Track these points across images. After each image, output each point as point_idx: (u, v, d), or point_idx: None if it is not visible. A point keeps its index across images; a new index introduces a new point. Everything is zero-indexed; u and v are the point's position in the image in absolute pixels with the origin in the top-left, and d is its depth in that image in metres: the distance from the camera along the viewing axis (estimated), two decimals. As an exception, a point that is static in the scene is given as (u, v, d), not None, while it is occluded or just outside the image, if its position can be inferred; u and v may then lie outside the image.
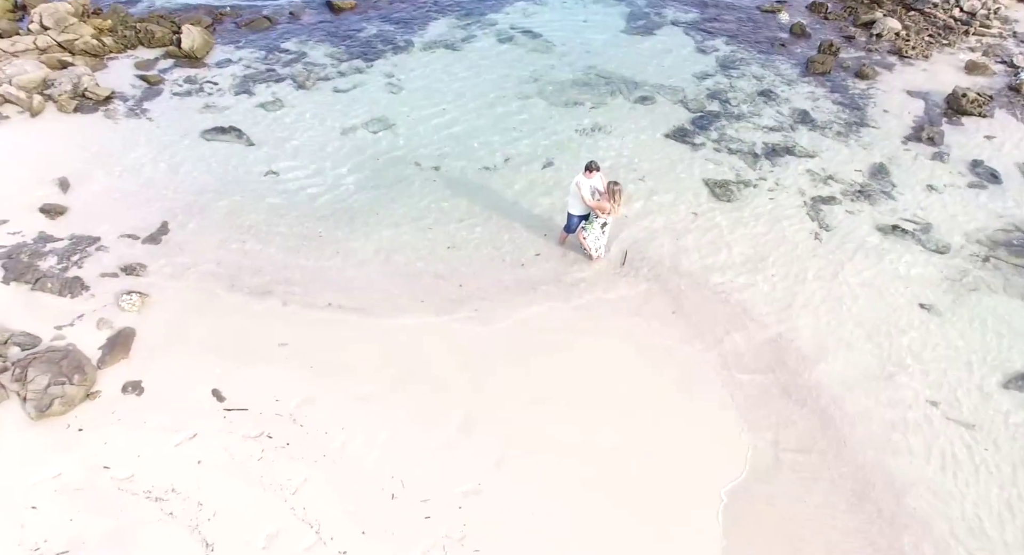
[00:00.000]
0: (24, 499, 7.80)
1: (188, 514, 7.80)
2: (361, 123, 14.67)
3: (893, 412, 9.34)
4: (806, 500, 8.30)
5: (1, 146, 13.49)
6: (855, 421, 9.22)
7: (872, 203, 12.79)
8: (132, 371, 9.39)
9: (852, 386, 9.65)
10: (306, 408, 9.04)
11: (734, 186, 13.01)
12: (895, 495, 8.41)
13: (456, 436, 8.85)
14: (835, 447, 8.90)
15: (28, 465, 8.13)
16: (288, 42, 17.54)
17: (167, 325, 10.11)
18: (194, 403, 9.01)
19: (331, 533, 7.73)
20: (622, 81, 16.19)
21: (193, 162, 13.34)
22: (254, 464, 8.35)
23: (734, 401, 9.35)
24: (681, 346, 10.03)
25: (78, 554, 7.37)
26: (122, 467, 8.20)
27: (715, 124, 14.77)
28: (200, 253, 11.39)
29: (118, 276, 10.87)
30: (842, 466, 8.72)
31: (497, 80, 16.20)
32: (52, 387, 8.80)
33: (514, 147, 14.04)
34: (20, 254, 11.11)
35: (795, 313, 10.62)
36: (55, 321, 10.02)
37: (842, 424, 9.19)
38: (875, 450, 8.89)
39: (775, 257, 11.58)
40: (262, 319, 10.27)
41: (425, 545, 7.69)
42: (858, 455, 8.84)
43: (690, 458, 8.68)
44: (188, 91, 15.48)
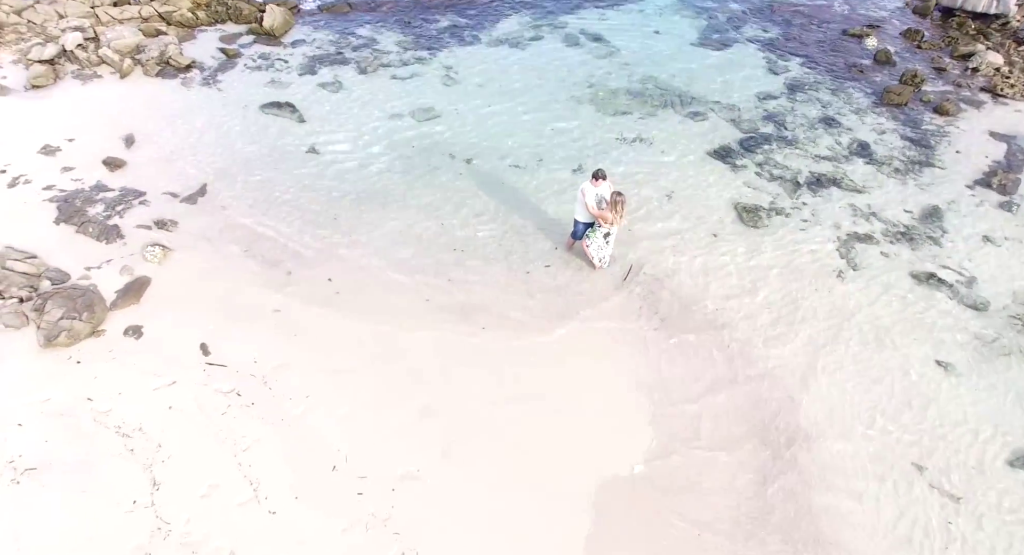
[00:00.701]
0: (13, 416, 8.66)
1: (146, 453, 8.41)
2: (408, 111, 15.10)
3: (871, 466, 8.70)
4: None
5: (88, 102, 14.85)
6: (823, 470, 8.67)
7: (914, 247, 11.88)
8: (138, 316, 10.18)
9: (831, 434, 9.06)
10: (280, 373, 9.49)
11: (764, 212, 12.45)
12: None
13: (412, 422, 9.03)
14: (793, 494, 8.41)
15: (25, 386, 9.02)
16: (362, 28, 18.27)
17: (180, 279, 10.87)
18: (182, 353, 9.66)
19: (267, 493, 8.11)
20: (678, 94, 15.80)
21: (244, 133, 14.20)
22: (217, 417, 8.87)
23: (698, 431, 9.01)
24: (657, 374, 9.72)
25: (44, 473, 8.11)
26: (103, 401, 8.93)
27: (764, 147, 14.15)
28: (228, 218, 12.14)
29: (151, 229, 11.77)
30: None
31: (552, 82, 16.22)
32: (63, 320, 9.70)
33: (550, 149, 14.04)
34: (75, 199, 12.25)
35: (792, 351, 10.06)
36: (86, 262, 10.99)
37: (808, 468, 8.67)
38: (831, 518, 8.33)
39: (787, 291, 11.01)
40: (265, 286, 10.83)
41: (350, 520, 7.92)
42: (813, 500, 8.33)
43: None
44: (259, 66, 16.47)
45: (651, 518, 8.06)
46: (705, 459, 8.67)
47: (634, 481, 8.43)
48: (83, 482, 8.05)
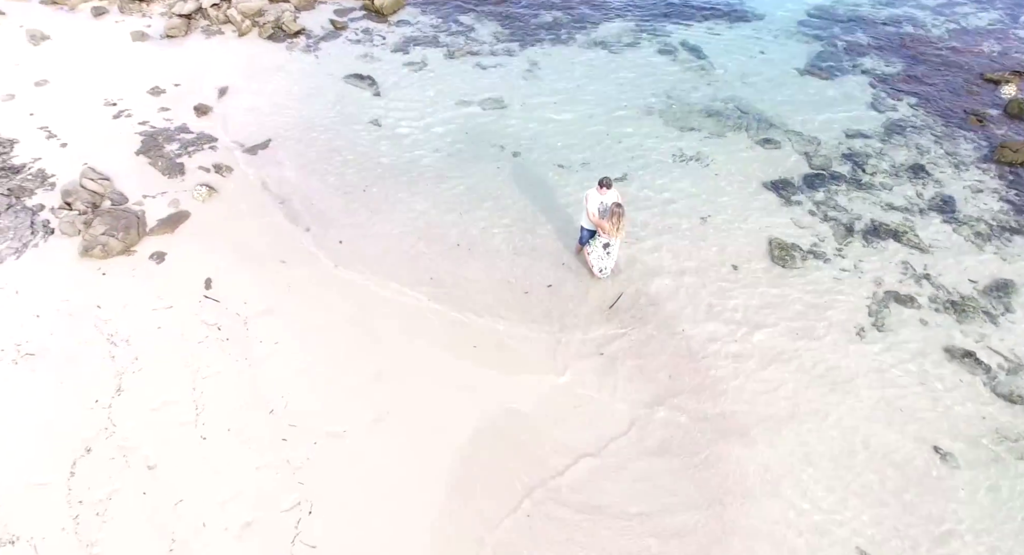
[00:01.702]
0: (36, 308, 10.00)
1: (123, 362, 9.40)
2: (478, 99, 15.43)
3: (809, 537, 7.91)
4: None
5: (204, 54, 16.55)
6: (750, 534, 7.99)
7: (961, 320, 10.50)
8: (167, 244, 11.32)
9: (771, 495, 8.31)
10: (261, 317, 10.20)
11: (801, 253, 11.51)
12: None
13: (359, 385, 9.38)
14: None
15: (55, 285, 10.37)
16: (466, 15, 18.83)
17: (214, 218, 11.94)
18: (188, 283, 10.65)
19: (206, 420, 8.81)
20: (758, 119, 14.90)
21: (321, 98, 15.20)
22: (193, 344, 9.72)
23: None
24: (623, 407, 9.34)
25: (38, 360, 9.33)
26: (108, 311, 10.08)
27: (829, 186, 13.04)
28: (276, 172, 13.10)
29: (209, 171, 12.98)
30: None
31: (630, 89, 15.89)
32: (102, 236, 11.01)
33: (599, 155, 13.81)
34: (159, 136, 13.77)
35: (772, 413, 9.28)
36: (146, 191, 12.37)
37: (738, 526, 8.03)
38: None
39: (793, 344, 10.14)
40: (281, 237, 11.62)
41: (266, 461, 8.42)
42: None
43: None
44: (359, 40, 17.50)
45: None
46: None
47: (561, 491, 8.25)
48: (64, 375, 9.16)
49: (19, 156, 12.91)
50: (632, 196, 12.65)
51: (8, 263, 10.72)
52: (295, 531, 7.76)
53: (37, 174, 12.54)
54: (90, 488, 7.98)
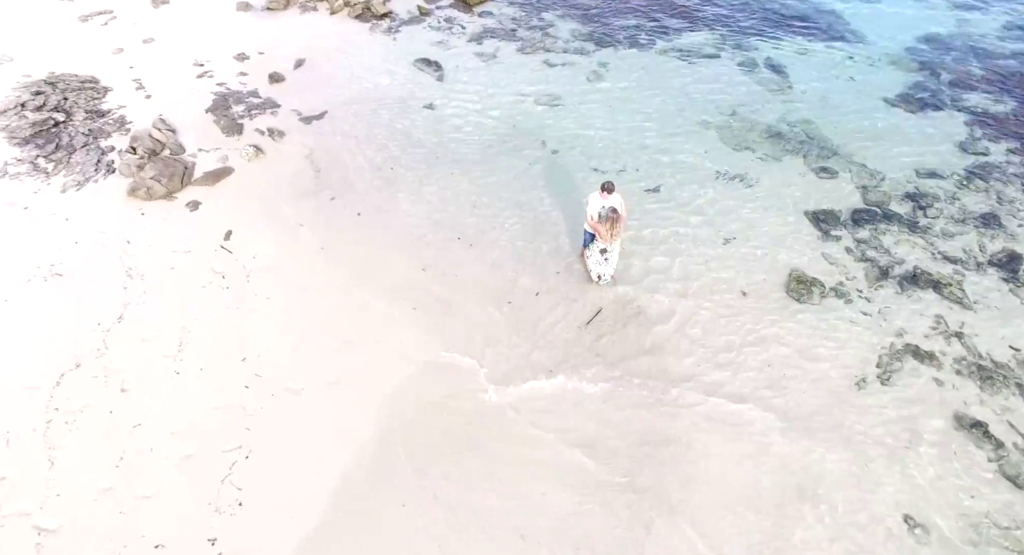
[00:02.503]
0: (77, 235, 11.14)
1: (133, 295, 10.29)
2: (536, 94, 15.46)
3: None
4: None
5: (294, 28, 17.63)
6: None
7: (985, 388, 9.37)
8: (204, 195, 12.23)
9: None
10: (264, 273, 10.81)
11: (821, 290, 10.71)
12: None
13: (328, 349, 9.73)
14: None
15: (99, 217, 11.49)
16: (550, 12, 18.87)
17: (254, 177, 12.74)
18: (211, 233, 11.46)
19: (185, 357, 9.48)
20: (823, 145, 13.94)
21: (386, 78, 15.79)
22: (196, 289, 10.47)
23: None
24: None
25: (63, 280, 10.40)
26: (135, 247, 11.05)
27: (879, 225, 12.01)
28: (323, 141, 13.77)
29: (263, 134, 13.86)
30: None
31: (695, 99, 15.35)
32: (150, 180, 12.07)
33: (639, 162, 13.46)
34: (230, 97, 14.86)
35: (736, 430, 8.76)
36: (202, 145, 13.40)
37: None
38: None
39: (783, 382, 9.47)
40: (306, 201, 12.22)
41: (223, 403, 8.95)
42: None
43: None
44: (440, 27, 17.99)
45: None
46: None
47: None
48: (80, 296, 10.16)
49: (108, 103, 14.36)
50: (657, 210, 12.27)
51: (68, 193, 11.99)
52: (228, 471, 8.20)
53: (118, 120, 13.89)
54: (68, 399, 8.83)
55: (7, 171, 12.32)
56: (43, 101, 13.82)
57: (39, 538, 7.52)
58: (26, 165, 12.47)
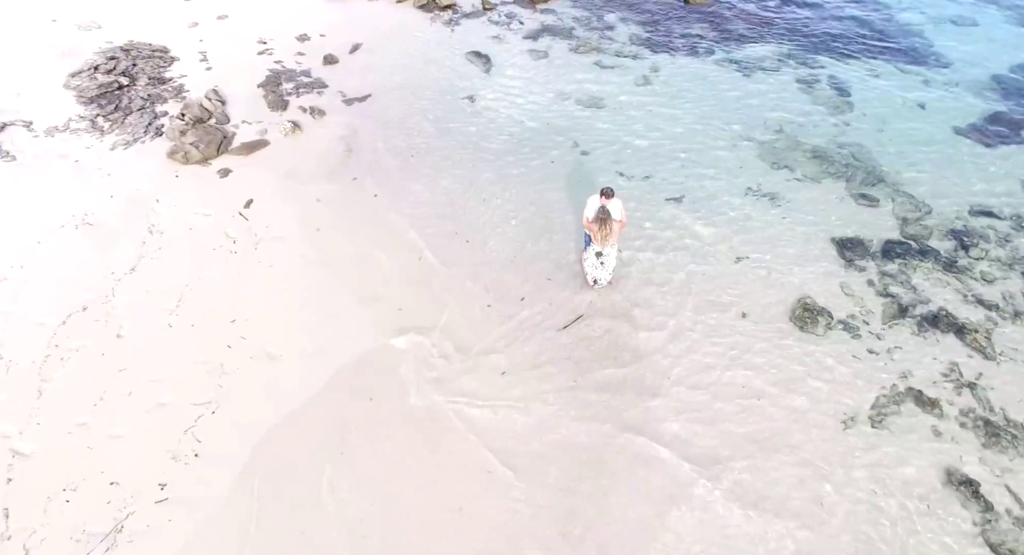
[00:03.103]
0: (115, 191, 11.94)
1: (149, 248, 10.94)
2: (579, 95, 15.31)
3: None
4: None
5: (359, 14, 18.21)
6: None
7: (988, 445, 8.54)
8: (236, 164, 12.83)
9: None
10: (272, 243, 11.23)
11: (826, 320, 10.08)
12: None
13: (314, 320, 9.99)
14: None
15: (139, 175, 12.28)
16: (613, 14, 18.64)
17: (286, 151, 13.26)
18: (233, 200, 12.01)
19: (182, 312, 9.98)
20: (871, 171, 13.10)
21: (435, 67, 16.05)
22: (207, 250, 11.00)
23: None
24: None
25: (91, 229, 11.18)
26: (162, 207, 11.74)
27: (911, 260, 11.17)
28: (359, 124, 14.15)
29: (305, 112, 14.39)
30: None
31: (743, 113, 14.76)
32: (189, 145, 12.78)
33: (668, 171, 13.08)
34: (282, 75, 15.52)
35: (697, 454, 8.39)
36: (246, 117, 14.06)
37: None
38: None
39: (755, 413, 9.00)
40: (329, 178, 12.59)
41: (204, 359, 9.36)
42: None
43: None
44: (499, 22, 18.12)
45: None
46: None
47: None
48: (102, 246, 10.89)
49: (172, 71, 15.30)
50: (673, 220, 11.90)
51: (116, 151, 12.87)
52: (193, 423, 8.59)
53: (177, 88, 14.78)
54: (68, 338, 9.49)
55: (69, 126, 13.35)
56: (114, 66, 14.88)
57: (12, 460, 8.13)
58: (86, 122, 13.48)
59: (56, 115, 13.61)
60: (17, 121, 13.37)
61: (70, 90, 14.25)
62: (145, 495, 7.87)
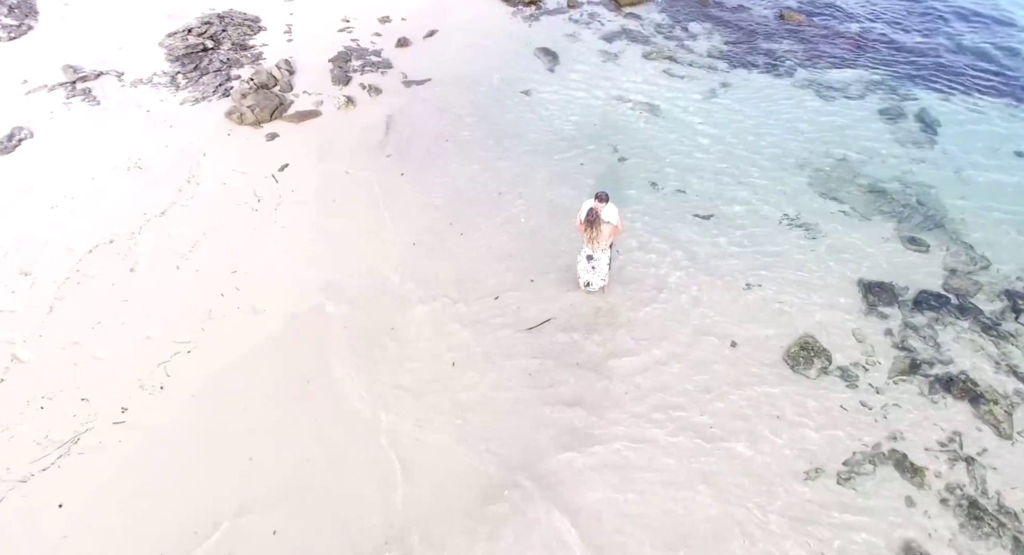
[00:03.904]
0: (169, 140, 12.95)
1: (183, 197, 11.78)
2: (634, 100, 14.95)
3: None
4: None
5: (442, 3, 18.62)
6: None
7: (965, 529, 7.55)
8: (285, 130, 13.54)
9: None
10: (293, 206, 11.77)
11: (823, 363, 9.29)
12: None
13: (309, 285, 10.40)
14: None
15: (192, 129, 13.25)
16: (697, 24, 18.01)
17: (334, 123, 13.84)
18: (271, 162, 12.69)
19: (192, 258, 10.69)
20: (932, 216, 11.91)
21: (501, 59, 16.17)
22: (231, 205, 11.69)
23: None
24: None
25: (141, 172, 12.18)
26: (207, 161, 12.60)
27: (945, 316, 10.06)
28: (410, 105, 14.53)
29: (364, 88, 14.96)
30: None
31: (807, 137, 13.84)
32: (246, 108, 13.64)
33: (705, 187, 12.51)
34: (353, 52, 16.19)
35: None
36: (308, 88, 14.81)
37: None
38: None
39: (708, 450, 8.45)
40: (363, 153, 13.02)
41: (197, 303, 9.95)
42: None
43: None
44: (579, 20, 17.99)
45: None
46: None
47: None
48: (145, 188, 11.85)
49: (256, 39, 16.37)
50: (693, 237, 11.38)
51: (184, 106, 13.95)
52: (167, 359, 9.20)
53: (255, 55, 15.80)
54: (89, 265, 10.43)
55: (152, 80, 14.61)
56: (205, 30, 16.11)
57: (10, 364, 9.05)
58: (167, 78, 14.69)
59: (145, 69, 14.92)
60: (111, 71, 14.78)
61: (162, 48, 15.57)
62: (106, 415, 8.52)
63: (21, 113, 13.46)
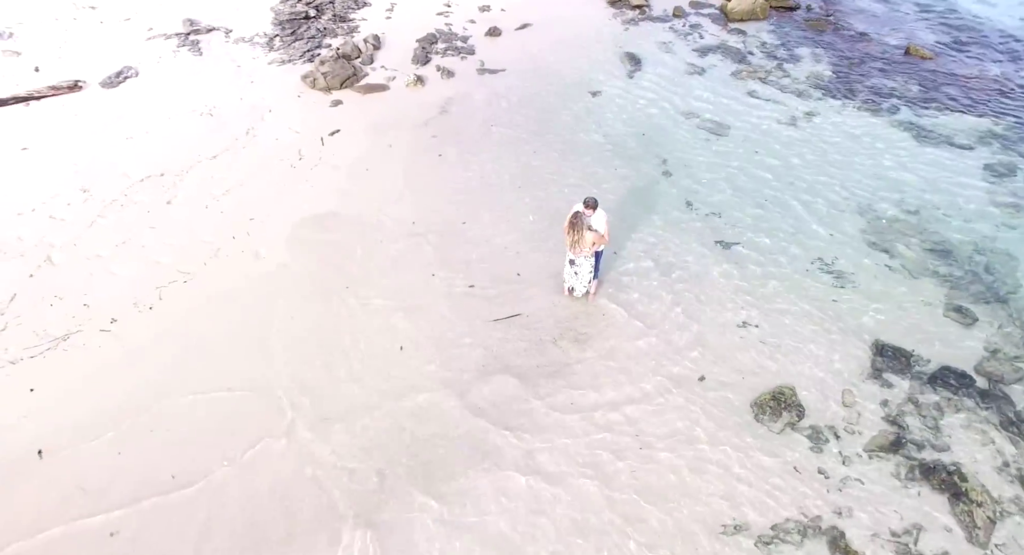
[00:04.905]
0: (246, 94, 14.06)
1: (236, 144, 12.77)
2: (702, 117, 14.24)
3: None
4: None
5: (552, 3, 18.70)
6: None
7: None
8: (350, 99, 14.26)
9: None
10: (328, 169, 12.35)
11: (792, 418, 8.42)
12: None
13: (310, 240, 10.92)
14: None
15: (268, 88, 14.30)
16: (806, 48, 16.81)
17: (398, 99, 14.38)
18: (325, 126, 13.41)
19: (222, 199, 11.57)
20: (993, 287, 10.35)
21: (584, 60, 15.97)
22: (275, 158, 12.51)
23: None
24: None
25: (211, 118, 13.34)
26: (271, 115, 13.57)
27: (963, 399, 8.71)
28: (473, 92, 14.75)
29: (439, 70, 15.38)
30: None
31: (880, 182, 12.48)
32: (320, 74, 14.50)
33: (740, 215, 11.66)
34: (442, 35, 16.70)
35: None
36: (387, 63, 15.51)
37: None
38: None
39: (647, 481, 7.94)
40: (414, 131, 13.39)
41: (212, 238, 10.76)
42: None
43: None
44: (678, 30, 17.40)
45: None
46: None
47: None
48: (207, 134, 12.97)
49: (357, 14, 17.34)
50: (704, 262, 10.70)
51: (271, 66, 15.10)
52: (165, 285, 10.03)
53: (352, 27, 16.75)
54: (136, 192, 11.61)
55: (252, 39, 15.92)
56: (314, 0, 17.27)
57: (43, 263, 10.29)
58: (266, 39, 15.94)
59: (250, 29, 16.29)
60: (222, 27, 16.27)
61: (272, 12, 16.88)
62: (97, 322, 9.46)
63: (136, 56, 15.18)
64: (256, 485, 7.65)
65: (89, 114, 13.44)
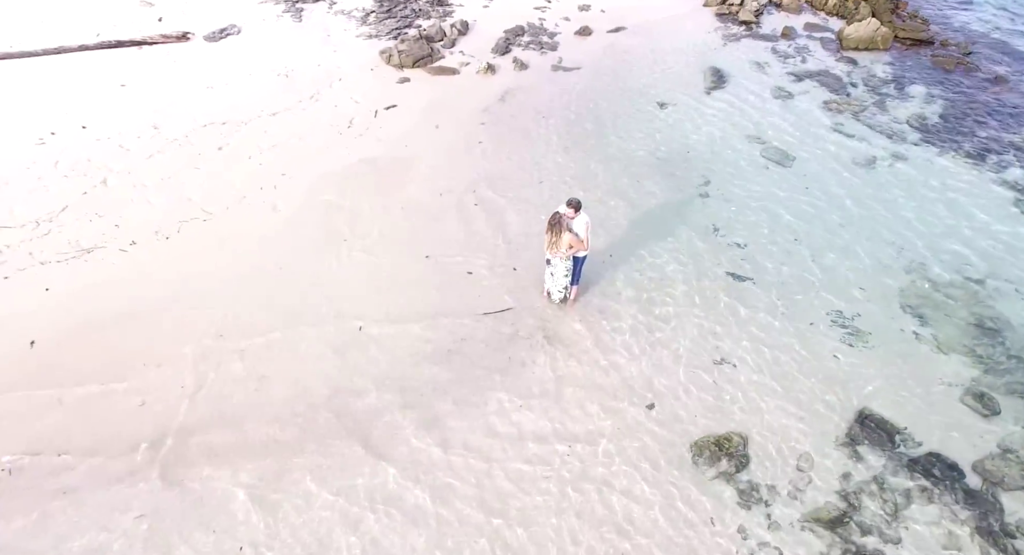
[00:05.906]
0: (322, 60, 14.88)
1: (299, 107, 13.58)
2: (775, 145, 13.24)
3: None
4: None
5: (651, 3, 18.21)
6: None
7: None
8: (419, 78, 14.74)
9: None
10: (370, 138, 12.83)
11: (731, 469, 7.70)
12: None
13: (326, 203, 11.43)
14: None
15: (347, 59, 15.05)
16: (923, 88, 15.16)
17: (463, 83, 14.64)
18: (385, 99, 13.92)
19: (265, 154, 12.38)
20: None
21: (662, 68, 15.45)
22: (327, 124, 13.16)
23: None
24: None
25: (286, 80, 14.27)
26: (341, 83, 14.29)
27: (944, 495, 7.48)
28: (538, 85, 14.69)
29: (515, 61, 15.45)
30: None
31: (941, 245, 11.00)
32: (397, 51, 15.04)
33: (763, 251, 10.74)
34: (528, 29, 16.79)
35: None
36: (466, 49, 15.84)
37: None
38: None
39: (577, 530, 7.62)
40: (467, 116, 13.54)
41: (249, 187, 11.52)
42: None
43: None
44: (780, 52, 16.34)
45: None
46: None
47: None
48: (278, 93, 13.90)
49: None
50: (704, 293, 9.99)
51: (358, 39, 15.88)
52: (187, 221, 10.89)
53: (446, 11, 17.22)
54: (198, 134, 12.69)
55: (351, 13, 16.82)
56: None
57: (99, 184, 11.51)
58: (363, 13, 16.77)
59: (352, 2, 17.19)
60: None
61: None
62: (120, 242, 10.47)
63: (244, 16, 16.54)
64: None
65: (186, 62, 14.85)
